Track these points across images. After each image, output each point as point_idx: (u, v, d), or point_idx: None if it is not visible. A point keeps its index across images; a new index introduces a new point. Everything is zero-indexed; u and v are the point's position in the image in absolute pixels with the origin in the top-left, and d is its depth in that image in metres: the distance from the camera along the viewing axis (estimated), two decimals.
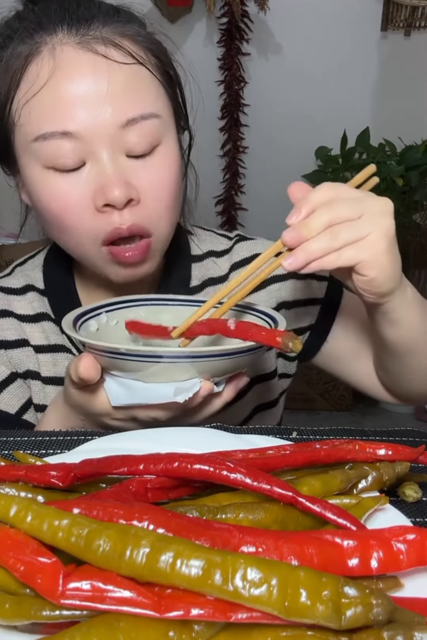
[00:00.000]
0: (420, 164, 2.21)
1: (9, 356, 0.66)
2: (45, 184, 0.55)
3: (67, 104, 0.52)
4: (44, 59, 0.53)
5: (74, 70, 0.53)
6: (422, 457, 0.41)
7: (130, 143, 0.54)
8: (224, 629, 0.27)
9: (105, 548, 0.27)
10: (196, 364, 0.46)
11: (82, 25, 0.55)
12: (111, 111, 0.53)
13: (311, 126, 2.40)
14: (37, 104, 0.53)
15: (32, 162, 0.55)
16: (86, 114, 0.53)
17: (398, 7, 2.36)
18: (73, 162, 0.54)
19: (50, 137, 0.53)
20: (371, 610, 0.26)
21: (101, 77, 0.53)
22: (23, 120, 0.54)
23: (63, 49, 0.54)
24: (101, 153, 0.54)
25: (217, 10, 2.31)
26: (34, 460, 0.41)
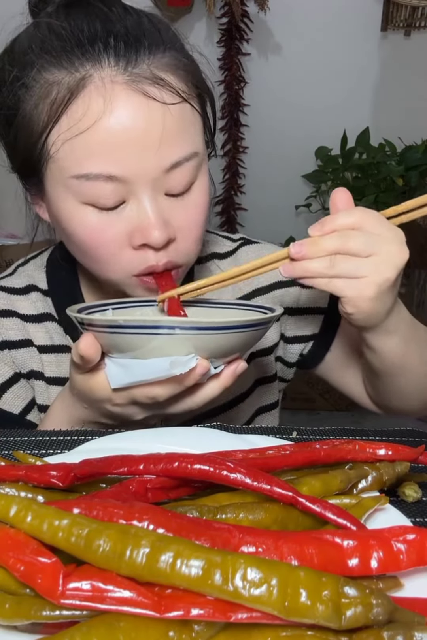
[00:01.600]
0: (420, 164, 2.20)
1: (13, 356, 0.66)
2: (82, 219, 0.54)
3: (115, 148, 0.51)
4: (91, 96, 0.51)
5: (125, 113, 0.51)
6: (422, 457, 0.41)
7: (171, 184, 0.54)
8: (224, 629, 0.27)
9: (105, 548, 0.27)
10: (193, 337, 0.46)
11: (131, 59, 0.52)
12: (158, 156, 0.52)
13: (311, 126, 2.39)
14: (81, 143, 0.51)
15: (68, 197, 0.54)
16: (134, 159, 0.51)
17: (398, 7, 2.36)
18: (113, 202, 0.53)
19: (94, 178, 0.51)
20: (371, 610, 0.26)
21: (153, 121, 0.51)
22: (62, 155, 0.52)
23: (113, 87, 0.51)
24: (142, 194, 0.53)
25: (217, 10, 2.31)
26: (34, 460, 0.41)
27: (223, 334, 0.47)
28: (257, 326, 0.49)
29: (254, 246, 0.74)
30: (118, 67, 0.51)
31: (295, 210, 2.48)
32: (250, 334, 0.49)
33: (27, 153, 0.55)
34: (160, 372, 0.46)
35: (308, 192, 2.44)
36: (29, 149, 0.54)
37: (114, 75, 0.51)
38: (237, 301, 0.62)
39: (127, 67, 0.51)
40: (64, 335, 0.68)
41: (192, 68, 0.57)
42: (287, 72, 2.41)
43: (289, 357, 0.74)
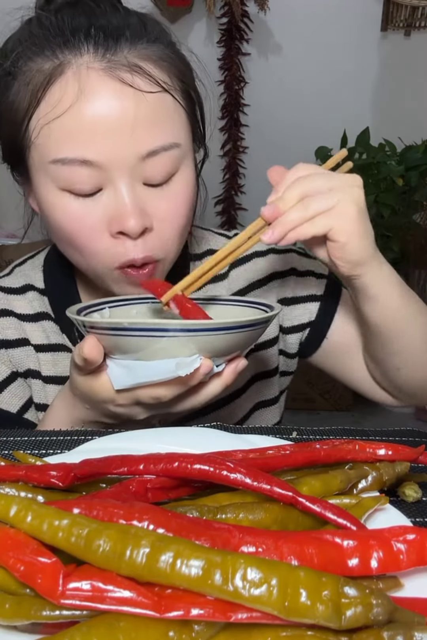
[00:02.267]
0: (420, 164, 2.20)
1: (10, 355, 0.66)
2: (60, 205, 0.55)
3: (89, 133, 0.51)
4: (68, 81, 0.52)
5: (99, 98, 0.52)
6: (422, 457, 0.41)
7: (148, 173, 0.54)
8: (224, 629, 0.27)
9: (105, 548, 0.27)
10: (196, 339, 0.46)
11: (110, 47, 0.53)
12: (133, 143, 0.52)
13: (311, 126, 2.39)
14: (57, 127, 0.52)
15: (47, 182, 0.54)
16: (108, 144, 0.52)
17: (398, 7, 2.36)
18: (90, 188, 0.53)
19: (69, 162, 0.52)
20: (371, 610, 0.26)
21: (126, 108, 0.52)
22: (41, 140, 0.53)
23: (89, 74, 0.52)
24: (119, 181, 0.53)
25: (217, 10, 2.31)
26: (34, 460, 0.41)
27: (226, 334, 0.47)
28: (258, 325, 0.49)
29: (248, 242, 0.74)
30: (96, 55, 0.52)
31: None
32: (251, 332, 0.49)
33: (12, 141, 0.56)
34: (165, 374, 0.47)
35: None
36: (13, 137, 0.56)
37: (91, 61, 0.52)
38: (233, 297, 0.62)
39: (105, 55, 0.52)
40: (61, 334, 0.68)
41: (178, 63, 0.57)
42: (287, 71, 2.41)
43: (290, 348, 0.74)
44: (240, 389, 0.72)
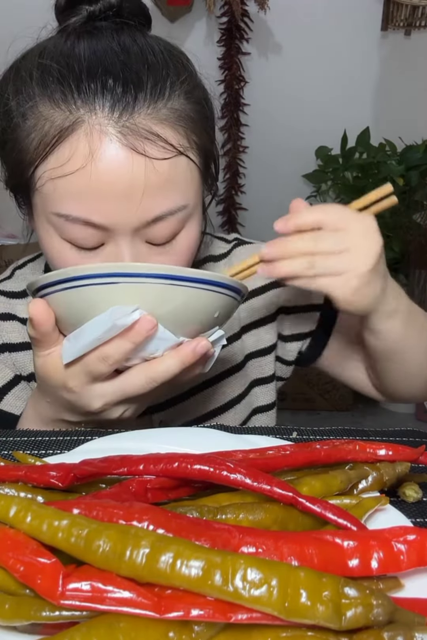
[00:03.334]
0: (420, 163, 2.21)
1: (14, 359, 0.66)
2: (61, 253, 0.54)
3: (95, 197, 0.50)
4: (79, 141, 0.49)
5: (109, 164, 0.49)
6: (422, 457, 0.41)
7: (152, 235, 0.53)
8: (224, 629, 0.27)
9: (105, 548, 0.27)
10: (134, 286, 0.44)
11: (126, 108, 0.49)
12: (140, 210, 0.50)
13: (311, 126, 2.39)
14: (64, 185, 0.50)
15: (50, 228, 0.53)
16: (114, 209, 0.50)
17: (398, 6, 2.36)
18: (92, 244, 0.52)
19: (73, 220, 0.51)
20: (372, 611, 0.26)
21: (136, 176, 0.49)
22: (46, 191, 0.51)
23: (101, 138, 0.49)
24: (121, 240, 0.52)
25: (217, 10, 2.31)
26: (33, 460, 0.41)
27: (167, 284, 0.44)
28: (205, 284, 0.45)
29: (248, 247, 0.74)
30: (111, 115, 0.49)
31: None
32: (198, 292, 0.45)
33: (17, 177, 0.54)
34: (103, 326, 0.45)
35: (308, 192, 2.44)
36: (20, 175, 0.54)
37: (106, 124, 0.49)
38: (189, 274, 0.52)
39: (120, 118, 0.49)
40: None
41: (198, 116, 0.54)
42: (287, 71, 2.41)
43: (288, 356, 0.75)
44: (240, 395, 0.72)
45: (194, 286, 0.45)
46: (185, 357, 0.47)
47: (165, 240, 0.54)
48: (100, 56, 0.51)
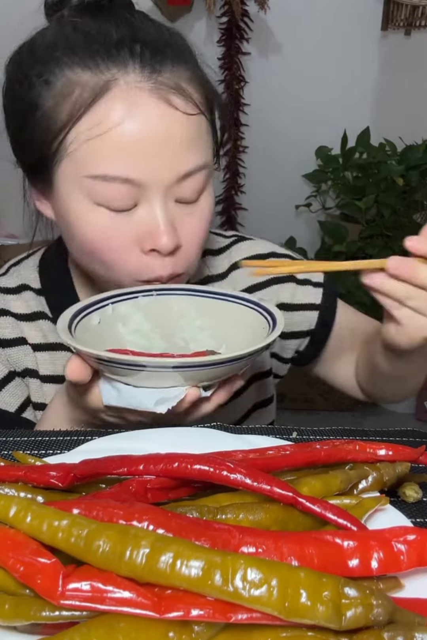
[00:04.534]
0: (420, 163, 2.20)
1: (7, 355, 0.66)
2: (93, 219, 0.54)
3: (134, 152, 0.52)
4: (115, 99, 0.51)
5: (146, 119, 0.52)
6: (422, 457, 0.41)
7: (182, 192, 0.55)
8: (224, 629, 0.27)
9: (105, 548, 0.27)
10: (182, 373, 0.46)
11: (155, 66, 0.53)
12: (174, 164, 0.53)
13: (311, 126, 2.39)
14: (101, 143, 0.51)
15: (79, 195, 0.54)
16: (151, 164, 0.52)
17: (398, 6, 2.35)
18: (127, 205, 0.54)
19: (111, 179, 0.52)
20: (372, 611, 0.26)
21: (171, 129, 0.52)
22: (80, 154, 0.52)
23: (136, 93, 0.52)
24: (154, 199, 0.54)
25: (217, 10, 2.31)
26: (33, 460, 0.41)
27: (210, 369, 0.47)
28: (249, 356, 0.47)
29: (247, 242, 0.74)
30: (143, 74, 0.52)
31: (295, 210, 2.48)
32: (243, 362, 0.48)
33: (43, 149, 0.55)
34: (147, 405, 0.46)
35: (308, 192, 2.43)
36: (45, 145, 0.54)
37: (139, 81, 0.52)
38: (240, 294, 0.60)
39: (151, 75, 0.52)
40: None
41: (206, 81, 0.58)
42: (287, 71, 2.41)
43: (285, 353, 0.75)
44: (240, 389, 0.72)
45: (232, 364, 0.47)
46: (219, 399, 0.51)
47: (193, 198, 0.56)
48: (120, 23, 0.54)
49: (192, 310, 0.59)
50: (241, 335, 0.54)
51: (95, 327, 0.56)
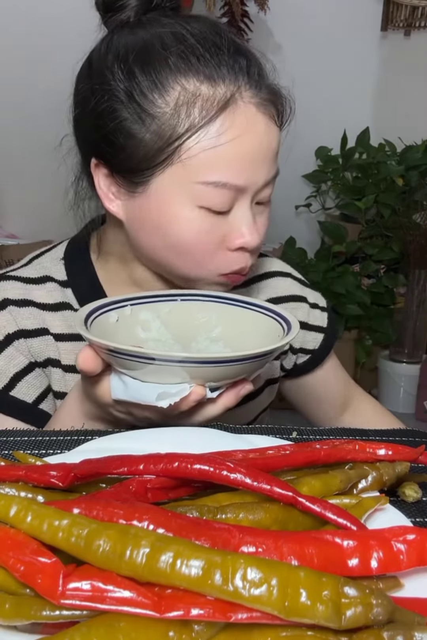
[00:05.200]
0: (420, 164, 2.20)
1: (29, 345, 0.66)
2: (194, 221, 0.58)
3: (246, 162, 0.56)
4: (235, 114, 0.56)
5: (258, 132, 0.57)
6: (422, 457, 0.41)
7: (262, 195, 0.61)
8: (224, 629, 0.27)
9: (105, 548, 0.27)
10: (188, 368, 0.46)
11: (259, 83, 0.58)
12: (267, 171, 0.59)
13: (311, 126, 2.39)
14: (219, 154, 0.55)
15: (184, 198, 0.57)
16: (256, 172, 0.58)
17: (398, 7, 2.36)
18: (226, 207, 0.58)
19: (222, 186, 0.56)
20: (371, 610, 0.26)
21: (271, 140, 0.59)
22: (195, 162, 0.56)
23: (251, 109, 0.57)
24: (246, 201, 0.59)
25: (217, 10, 2.31)
26: (34, 460, 0.41)
27: (216, 367, 0.47)
28: (258, 358, 0.47)
29: (267, 260, 0.78)
30: (251, 89, 0.57)
31: (295, 210, 2.48)
32: (251, 364, 0.48)
33: (152, 155, 0.56)
34: (149, 400, 0.47)
35: (308, 192, 2.44)
36: (155, 152, 0.56)
37: (250, 97, 0.57)
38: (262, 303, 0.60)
39: (258, 91, 0.57)
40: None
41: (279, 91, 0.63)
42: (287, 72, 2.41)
43: (288, 364, 0.78)
44: (255, 393, 0.74)
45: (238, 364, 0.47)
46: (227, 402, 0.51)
47: (266, 200, 0.62)
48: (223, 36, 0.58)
49: (213, 317, 0.61)
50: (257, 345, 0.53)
51: (113, 325, 0.56)
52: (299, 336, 0.75)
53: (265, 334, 0.56)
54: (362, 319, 2.20)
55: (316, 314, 0.76)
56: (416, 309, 2.21)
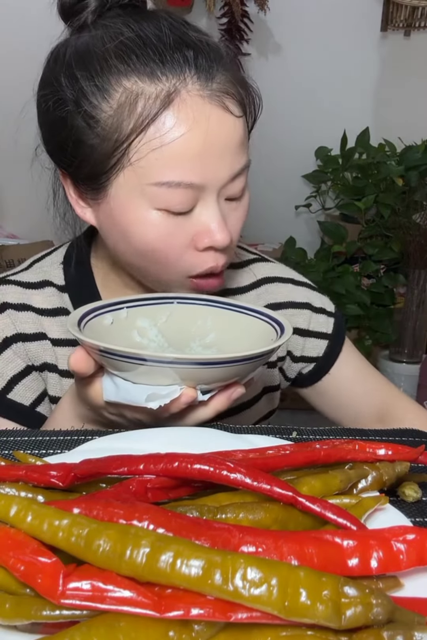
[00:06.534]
0: (420, 164, 2.20)
1: (27, 349, 0.67)
2: (153, 223, 0.56)
3: (198, 159, 0.54)
4: (180, 109, 0.53)
5: (209, 126, 0.54)
6: (422, 457, 0.41)
7: (232, 190, 0.58)
8: (224, 628, 0.27)
9: (106, 548, 0.27)
10: (179, 370, 0.46)
11: (209, 73, 0.54)
12: (229, 165, 0.56)
13: (311, 126, 2.39)
14: (168, 152, 0.53)
15: (140, 202, 0.55)
16: (211, 168, 0.55)
17: (398, 7, 2.35)
18: (186, 207, 0.56)
19: (175, 186, 0.54)
20: (371, 610, 0.26)
21: (227, 133, 0.55)
22: (144, 164, 0.54)
23: (198, 102, 0.54)
24: (210, 199, 0.56)
25: (217, 10, 2.31)
26: (34, 460, 0.41)
27: (207, 368, 0.46)
28: (250, 360, 0.47)
29: (269, 264, 0.76)
30: (200, 82, 0.54)
31: (295, 210, 2.48)
32: (244, 367, 0.48)
33: (102, 161, 0.55)
34: (139, 401, 0.46)
35: (308, 192, 2.44)
36: (105, 157, 0.55)
37: (198, 89, 0.54)
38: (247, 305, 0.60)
39: (207, 82, 0.54)
40: None
41: (243, 80, 0.60)
42: (287, 72, 2.41)
43: (290, 373, 0.77)
44: (251, 400, 0.73)
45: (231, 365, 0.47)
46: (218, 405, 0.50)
47: (238, 195, 0.59)
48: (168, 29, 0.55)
49: (208, 321, 0.60)
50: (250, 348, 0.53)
51: (107, 327, 0.56)
52: (299, 344, 0.74)
53: (258, 337, 0.56)
54: (362, 319, 2.20)
55: (321, 320, 0.74)
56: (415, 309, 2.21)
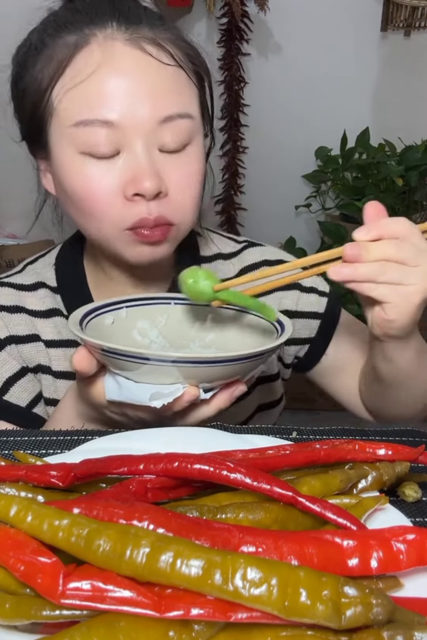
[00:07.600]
0: (420, 164, 2.20)
1: (20, 351, 0.67)
2: (79, 168, 0.57)
3: (111, 95, 0.55)
4: (93, 50, 0.56)
5: (122, 64, 0.55)
6: (422, 457, 0.41)
7: (164, 139, 0.57)
8: (224, 628, 0.27)
9: (106, 548, 0.27)
10: (182, 369, 0.46)
11: (132, 24, 0.57)
12: (151, 106, 0.56)
13: (311, 126, 2.39)
14: (81, 91, 0.55)
15: (67, 147, 0.57)
16: (128, 107, 0.55)
17: (398, 7, 2.35)
18: (109, 150, 0.56)
19: (91, 124, 0.55)
20: (371, 610, 0.26)
21: (146, 74, 0.56)
22: (64, 106, 0.56)
23: (113, 43, 0.56)
24: (136, 144, 0.56)
25: (217, 11, 2.31)
26: (34, 460, 0.41)
27: (209, 367, 0.46)
28: (253, 358, 0.47)
29: (257, 248, 0.75)
30: (120, 28, 0.57)
31: (295, 210, 2.48)
32: (245, 365, 0.48)
33: (33, 113, 0.59)
34: (142, 400, 0.47)
35: (308, 192, 2.43)
36: (35, 108, 0.58)
37: (115, 33, 0.56)
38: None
39: (128, 29, 0.57)
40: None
41: (190, 47, 0.61)
42: (287, 72, 2.41)
43: (286, 358, 0.76)
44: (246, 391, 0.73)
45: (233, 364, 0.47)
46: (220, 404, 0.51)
47: (177, 146, 0.58)
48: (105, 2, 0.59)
49: (208, 320, 0.60)
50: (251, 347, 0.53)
51: (109, 327, 0.57)
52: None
53: (259, 336, 0.56)
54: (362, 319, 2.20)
55: (311, 299, 0.73)
56: None
